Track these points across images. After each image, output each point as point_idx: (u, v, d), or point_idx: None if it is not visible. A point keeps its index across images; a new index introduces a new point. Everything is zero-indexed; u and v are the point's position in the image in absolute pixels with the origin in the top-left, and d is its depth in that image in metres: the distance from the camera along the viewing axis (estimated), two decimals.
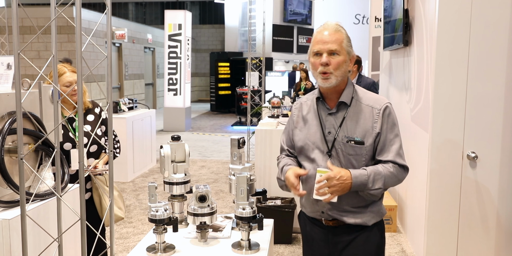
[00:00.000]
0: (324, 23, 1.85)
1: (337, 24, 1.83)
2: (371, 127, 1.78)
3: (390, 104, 1.84)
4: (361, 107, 1.82)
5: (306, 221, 1.99)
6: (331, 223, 1.88)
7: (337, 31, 1.78)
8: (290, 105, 5.57)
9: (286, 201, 4.09)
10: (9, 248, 1.61)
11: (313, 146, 1.86)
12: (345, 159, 1.80)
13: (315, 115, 1.88)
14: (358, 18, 15.45)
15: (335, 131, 1.82)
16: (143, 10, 21.25)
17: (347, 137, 1.79)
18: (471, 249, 2.91)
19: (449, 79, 2.85)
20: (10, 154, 1.76)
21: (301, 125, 1.93)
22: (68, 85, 2.56)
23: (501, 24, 2.73)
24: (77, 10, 1.44)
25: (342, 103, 1.83)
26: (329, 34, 1.77)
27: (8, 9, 6.45)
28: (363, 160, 1.80)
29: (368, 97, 1.85)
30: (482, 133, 2.82)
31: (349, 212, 1.84)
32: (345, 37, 1.80)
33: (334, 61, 1.75)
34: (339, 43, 1.76)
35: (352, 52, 1.81)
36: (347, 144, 1.79)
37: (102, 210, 2.65)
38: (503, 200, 2.84)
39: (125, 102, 6.47)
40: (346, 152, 1.79)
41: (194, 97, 18.79)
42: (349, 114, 1.81)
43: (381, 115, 1.79)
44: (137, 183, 6.03)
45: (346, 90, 1.84)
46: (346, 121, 1.81)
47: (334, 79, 1.77)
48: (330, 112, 1.84)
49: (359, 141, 1.78)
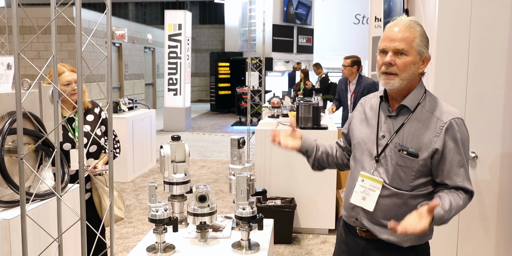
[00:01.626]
0: (398, 18, 1.63)
1: (413, 19, 1.61)
2: (430, 140, 1.58)
3: (460, 119, 1.60)
4: (426, 115, 1.61)
5: (343, 226, 1.85)
6: (364, 234, 1.72)
7: (409, 28, 1.58)
8: (290, 105, 5.57)
9: (286, 201, 4.09)
10: (9, 248, 1.61)
11: (364, 146, 1.72)
12: (393, 168, 1.62)
13: (375, 115, 1.73)
14: (358, 18, 15.44)
15: (389, 136, 1.65)
16: (143, 10, 21.25)
17: (400, 146, 1.61)
18: (471, 249, 2.91)
19: (449, 79, 2.85)
20: (10, 154, 1.76)
21: (361, 119, 1.78)
22: (67, 85, 2.56)
23: (501, 24, 2.73)
24: (77, 10, 1.44)
25: (404, 107, 1.64)
26: (399, 31, 1.57)
27: (8, 9, 6.45)
28: (412, 174, 1.60)
29: (438, 106, 1.63)
30: (482, 133, 2.82)
31: (384, 227, 1.64)
32: (419, 36, 1.58)
33: (400, 61, 1.57)
34: (409, 42, 1.56)
35: (425, 53, 1.61)
36: (398, 153, 1.61)
37: (101, 210, 2.65)
38: (503, 200, 2.84)
39: (125, 102, 6.47)
40: (395, 161, 1.62)
41: (194, 97, 18.78)
42: (410, 121, 1.62)
43: (444, 129, 1.57)
44: (137, 183, 6.03)
45: (412, 94, 1.63)
46: (405, 127, 1.62)
47: (397, 81, 1.58)
48: (390, 115, 1.67)
49: (413, 153, 1.59)
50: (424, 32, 1.62)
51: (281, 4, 13.79)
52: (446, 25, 2.82)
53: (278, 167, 4.23)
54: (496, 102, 2.79)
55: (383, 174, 1.65)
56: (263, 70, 6.68)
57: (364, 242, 1.73)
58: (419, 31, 1.60)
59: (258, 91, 7.89)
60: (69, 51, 9.76)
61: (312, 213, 4.20)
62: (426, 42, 1.61)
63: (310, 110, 4.20)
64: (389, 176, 1.64)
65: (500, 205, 2.85)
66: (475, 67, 2.80)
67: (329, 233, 4.25)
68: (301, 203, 4.13)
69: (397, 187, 1.63)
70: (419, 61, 1.60)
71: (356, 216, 1.73)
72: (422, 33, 1.60)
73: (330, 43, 15.27)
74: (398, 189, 1.63)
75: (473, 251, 2.92)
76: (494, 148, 2.81)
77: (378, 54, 1.63)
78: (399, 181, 1.63)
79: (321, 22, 15.17)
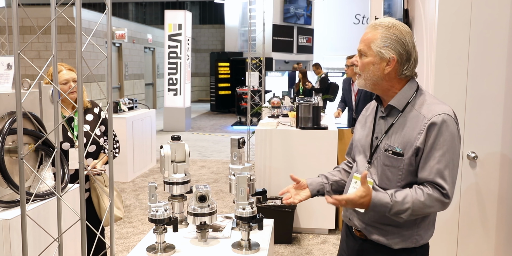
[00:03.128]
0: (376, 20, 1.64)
1: (384, 21, 1.60)
2: (414, 138, 1.56)
3: (447, 115, 1.55)
4: (413, 114, 1.60)
5: (344, 225, 1.88)
6: (358, 234, 1.74)
7: (373, 28, 1.59)
8: (290, 105, 5.57)
9: None
10: (9, 248, 1.61)
11: (360, 148, 1.74)
12: (380, 169, 1.64)
13: (372, 117, 1.75)
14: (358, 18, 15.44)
15: (381, 137, 1.66)
16: (143, 10, 21.24)
17: (388, 146, 1.62)
18: (471, 249, 2.91)
19: (449, 79, 2.85)
20: (10, 154, 1.76)
21: (362, 123, 1.81)
22: (65, 83, 2.56)
23: (501, 24, 2.73)
24: (77, 10, 1.44)
25: (393, 108, 1.64)
26: (365, 32, 1.61)
27: (8, 9, 6.45)
28: (399, 174, 1.59)
29: (426, 104, 1.60)
30: (482, 133, 2.82)
31: (374, 227, 1.67)
32: (380, 37, 1.56)
33: (360, 62, 1.62)
34: (368, 43, 1.58)
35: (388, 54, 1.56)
36: (385, 153, 1.62)
37: (100, 210, 2.65)
38: (503, 200, 2.84)
39: (125, 102, 6.48)
40: (383, 161, 1.63)
41: (194, 97, 18.78)
42: (399, 121, 1.62)
43: (427, 126, 1.54)
44: (137, 183, 6.03)
45: (400, 94, 1.63)
46: (393, 127, 1.63)
47: (362, 81, 1.63)
48: (382, 116, 1.69)
49: (398, 152, 1.58)
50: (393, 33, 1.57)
51: (281, 4, 13.79)
52: (446, 25, 2.82)
53: (278, 167, 4.23)
54: (496, 102, 2.79)
55: (374, 175, 1.66)
56: (263, 70, 6.68)
57: (359, 242, 1.75)
58: (382, 32, 1.56)
59: (258, 91, 7.89)
60: (69, 51, 9.76)
61: (312, 213, 4.20)
62: (392, 43, 1.56)
63: (310, 110, 4.20)
64: (378, 176, 1.64)
65: (500, 205, 2.85)
66: (475, 67, 2.80)
67: (329, 233, 4.25)
68: (301, 203, 4.13)
69: (385, 187, 1.62)
70: (381, 62, 1.58)
71: (349, 216, 1.77)
72: (385, 35, 1.56)
73: (330, 43, 15.27)
74: (386, 189, 1.60)
75: (473, 251, 2.91)
76: (494, 148, 2.81)
77: None
78: (387, 182, 1.62)
79: (321, 22, 15.16)
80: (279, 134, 4.24)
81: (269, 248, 1.87)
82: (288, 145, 4.21)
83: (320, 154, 4.11)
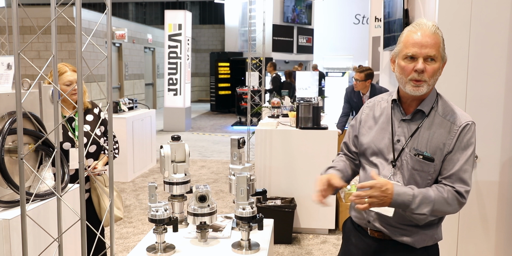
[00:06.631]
0: (420, 22, 1.61)
1: (435, 25, 1.61)
2: (444, 144, 1.60)
3: (474, 123, 1.64)
4: (439, 120, 1.63)
5: (351, 227, 1.85)
6: (376, 234, 1.73)
7: (435, 34, 1.58)
8: (290, 105, 5.57)
9: (286, 201, 4.09)
10: (9, 248, 1.61)
11: (377, 151, 1.71)
12: (409, 173, 1.63)
13: (387, 119, 1.72)
14: (358, 18, 15.46)
15: (405, 140, 1.65)
16: (143, 10, 21.24)
17: (415, 150, 1.62)
18: (471, 249, 2.91)
19: (449, 79, 2.85)
20: (10, 154, 1.76)
21: (370, 124, 1.77)
22: (69, 84, 2.56)
23: (501, 24, 2.73)
24: (77, 10, 1.44)
25: (419, 112, 1.65)
26: (427, 37, 1.56)
27: (8, 9, 6.45)
28: (428, 178, 1.62)
29: (451, 110, 1.66)
30: (482, 133, 2.82)
31: (397, 228, 1.68)
32: (442, 41, 1.59)
33: (429, 68, 1.57)
34: (437, 48, 1.57)
35: (445, 56, 1.62)
36: (414, 158, 1.62)
37: (100, 210, 2.65)
38: (503, 200, 2.84)
39: (125, 102, 6.47)
40: (411, 166, 1.62)
41: (194, 97, 18.78)
42: (424, 125, 1.63)
43: (458, 133, 1.60)
44: (137, 183, 6.03)
45: (428, 98, 1.65)
46: (420, 132, 1.63)
47: (426, 88, 1.59)
48: (405, 119, 1.67)
49: (429, 157, 1.60)
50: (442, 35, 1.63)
51: (281, 4, 13.80)
52: (446, 25, 2.82)
53: (278, 167, 4.23)
54: (496, 102, 2.79)
55: (399, 179, 1.65)
56: (263, 70, 6.68)
57: (375, 243, 1.74)
58: (441, 36, 1.60)
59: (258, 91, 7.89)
60: (69, 51, 9.76)
61: (312, 213, 4.20)
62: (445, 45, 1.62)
63: (310, 110, 4.20)
64: (405, 180, 1.64)
65: (500, 206, 2.85)
66: (475, 67, 2.80)
67: (329, 233, 4.25)
68: (301, 203, 4.13)
69: None
70: (443, 65, 1.62)
71: (368, 219, 1.73)
72: (443, 37, 1.61)
73: (330, 43, 15.29)
74: None
75: (473, 251, 2.92)
76: (494, 149, 2.81)
77: (402, 60, 1.60)
78: (415, 185, 1.62)
79: (321, 22, 15.18)
80: (279, 134, 4.24)
81: (269, 248, 1.87)
82: (288, 145, 4.21)
83: (320, 154, 4.11)
